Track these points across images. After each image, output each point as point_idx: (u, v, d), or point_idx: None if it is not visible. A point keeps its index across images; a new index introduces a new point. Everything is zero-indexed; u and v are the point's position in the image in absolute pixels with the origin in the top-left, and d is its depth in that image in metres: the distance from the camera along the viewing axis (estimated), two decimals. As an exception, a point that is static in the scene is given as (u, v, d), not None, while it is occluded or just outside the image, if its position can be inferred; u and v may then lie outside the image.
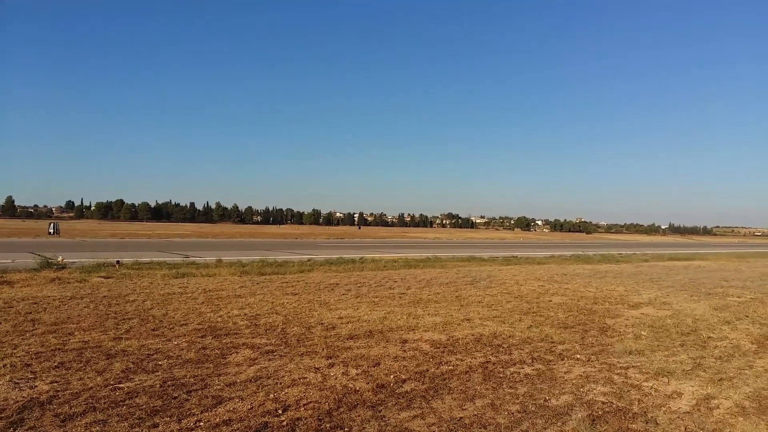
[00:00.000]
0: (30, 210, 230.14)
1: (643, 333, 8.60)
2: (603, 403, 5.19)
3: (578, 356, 6.99)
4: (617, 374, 6.20)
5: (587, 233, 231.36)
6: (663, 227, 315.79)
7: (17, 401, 4.73)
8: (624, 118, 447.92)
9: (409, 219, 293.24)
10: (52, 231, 48.53)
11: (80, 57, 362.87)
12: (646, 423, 4.70)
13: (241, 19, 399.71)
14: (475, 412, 4.83)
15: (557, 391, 5.51)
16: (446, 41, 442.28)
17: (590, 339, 8.07)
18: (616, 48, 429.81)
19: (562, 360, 6.79)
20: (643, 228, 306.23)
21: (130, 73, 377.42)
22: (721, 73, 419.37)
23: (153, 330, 7.82)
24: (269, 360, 6.40)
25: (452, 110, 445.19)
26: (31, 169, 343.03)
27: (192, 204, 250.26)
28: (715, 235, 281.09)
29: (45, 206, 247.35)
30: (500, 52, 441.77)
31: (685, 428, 4.61)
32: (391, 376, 5.85)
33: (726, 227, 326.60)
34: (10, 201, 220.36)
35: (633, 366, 6.58)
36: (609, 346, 7.60)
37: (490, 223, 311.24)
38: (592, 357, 6.98)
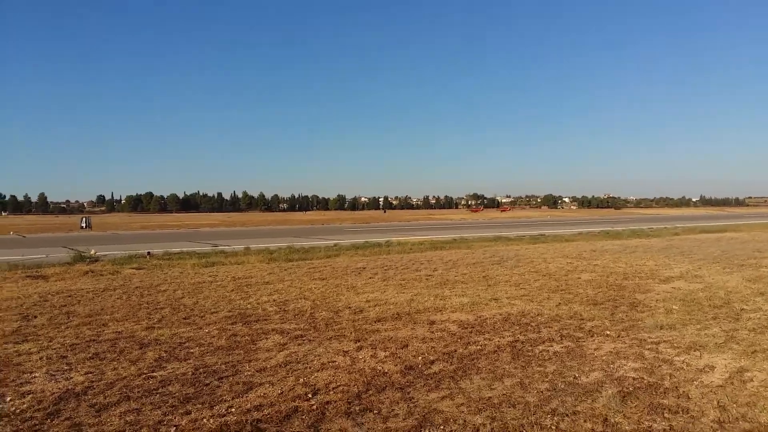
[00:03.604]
0: (62, 205, 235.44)
1: (674, 307, 8.47)
2: (633, 379, 5.13)
3: (608, 332, 6.93)
4: (648, 349, 6.13)
5: (616, 209, 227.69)
6: (694, 200, 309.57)
7: (54, 392, 4.86)
8: (648, 90, 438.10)
9: (434, 201, 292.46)
10: (84, 225, 49.54)
11: (106, 52, 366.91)
12: (678, 398, 4.64)
13: (254, 5, 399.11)
14: (504, 392, 4.82)
15: (587, 369, 5.47)
16: (465, 18, 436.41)
17: (620, 315, 7.98)
18: (643, 14, 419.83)
19: (592, 337, 6.73)
20: (673, 201, 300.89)
21: (155, 65, 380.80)
22: (748, 36, 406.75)
23: (184, 318, 7.95)
24: (298, 345, 6.46)
25: (474, 90, 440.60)
26: (63, 166, 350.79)
27: (219, 194, 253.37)
28: (748, 206, 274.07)
29: (77, 201, 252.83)
30: (522, 28, 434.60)
31: (718, 402, 4.54)
32: (419, 358, 5.86)
33: (759, 197, 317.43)
34: (42, 197, 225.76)
35: (664, 341, 6.49)
36: (639, 322, 7.51)
37: (516, 203, 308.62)
38: (622, 333, 6.91)
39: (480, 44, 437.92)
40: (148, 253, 17.38)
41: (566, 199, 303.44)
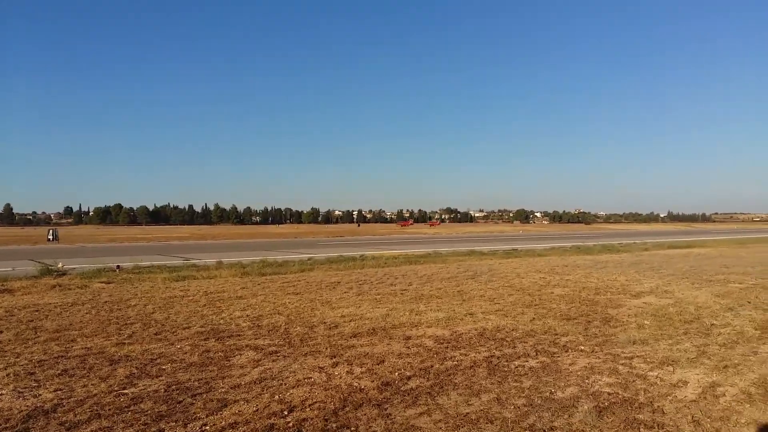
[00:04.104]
0: (28, 217, 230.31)
1: (646, 322, 8.59)
2: (609, 394, 5.18)
3: (582, 347, 6.98)
4: (622, 364, 6.19)
5: (586, 224, 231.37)
6: (662, 216, 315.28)
7: (21, 410, 4.71)
8: (619, 108, 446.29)
9: (408, 215, 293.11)
10: (51, 237, 48.52)
11: (75, 60, 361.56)
12: (653, 413, 4.69)
13: (232, 16, 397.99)
14: (482, 407, 4.81)
15: (563, 384, 5.50)
16: (441, 29, 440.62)
17: (594, 330, 8.06)
18: (613, 36, 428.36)
19: (567, 352, 6.78)
20: (641, 217, 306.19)
21: (125, 74, 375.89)
22: (718, 59, 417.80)
23: (156, 334, 7.80)
24: (273, 361, 6.38)
25: (447, 104, 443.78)
26: (29, 176, 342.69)
27: (190, 206, 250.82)
28: (714, 221, 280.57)
29: (43, 213, 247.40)
30: (495, 43, 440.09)
31: (692, 417, 4.60)
32: (396, 374, 5.83)
33: (725, 213, 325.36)
34: (8, 208, 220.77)
35: (637, 356, 6.57)
36: (612, 337, 7.59)
37: (489, 217, 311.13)
38: (596, 348, 6.97)
39: (454, 59, 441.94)
40: (118, 266, 17.08)
41: (538, 214, 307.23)
